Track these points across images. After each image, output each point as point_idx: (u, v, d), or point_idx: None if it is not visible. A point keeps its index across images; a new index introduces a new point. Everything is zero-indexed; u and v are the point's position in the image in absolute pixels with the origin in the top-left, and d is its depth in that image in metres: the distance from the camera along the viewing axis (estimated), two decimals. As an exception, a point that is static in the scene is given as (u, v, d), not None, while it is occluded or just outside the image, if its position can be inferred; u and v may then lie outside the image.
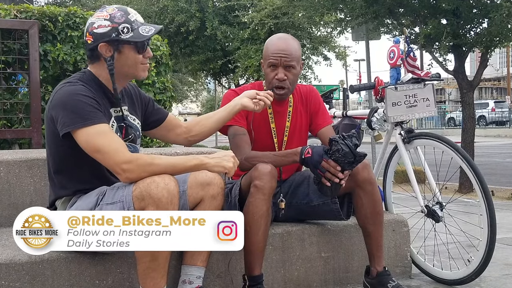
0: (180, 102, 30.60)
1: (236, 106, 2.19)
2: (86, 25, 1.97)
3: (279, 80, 2.32)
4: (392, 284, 2.25)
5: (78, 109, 1.82)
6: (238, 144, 2.31)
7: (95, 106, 1.86)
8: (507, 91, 41.22)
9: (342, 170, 2.10)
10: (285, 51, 2.30)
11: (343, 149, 2.06)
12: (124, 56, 1.94)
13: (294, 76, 2.35)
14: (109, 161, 1.80)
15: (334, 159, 2.08)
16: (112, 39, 1.91)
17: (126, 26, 1.91)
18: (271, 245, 2.37)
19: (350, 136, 2.09)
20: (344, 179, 2.12)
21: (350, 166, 2.10)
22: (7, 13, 4.06)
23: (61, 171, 1.98)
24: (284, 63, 2.30)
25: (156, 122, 2.23)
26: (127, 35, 1.91)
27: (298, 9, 8.35)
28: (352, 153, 2.06)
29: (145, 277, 1.83)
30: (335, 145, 2.08)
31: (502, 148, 16.64)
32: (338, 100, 9.58)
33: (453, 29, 6.06)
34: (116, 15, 1.92)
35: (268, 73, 2.35)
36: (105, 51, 1.92)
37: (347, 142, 2.07)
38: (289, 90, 2.37)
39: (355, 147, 2.07)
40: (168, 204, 1.75)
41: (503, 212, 4.98)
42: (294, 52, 2.32)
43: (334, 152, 2.08)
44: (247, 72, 11.53)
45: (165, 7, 11.50)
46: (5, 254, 1.98)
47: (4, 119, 4.05)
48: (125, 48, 1.94)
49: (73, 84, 1.90)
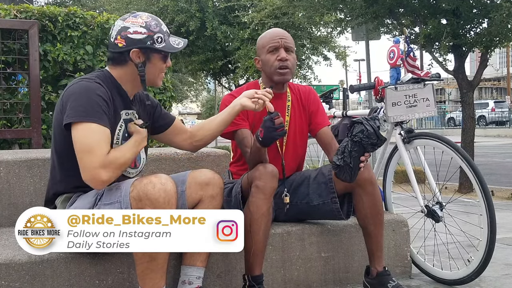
0: (180, 102, 30.60)
1: (235, 107, 2.19)
2: (116, 28, 1.97)
3: (282, 60, 2.35)
4: (392, 284, 2.25)
5: (86, 105, 1.83)
6: (245, 150, 2.32)
7: (102, 107, 1.87)
8: (507, 91, 41.23)
9: (364, 152, 2.11)
10: (283, 34, 2.41)
11: (368, 130, 2.07)
12: (151, 64, 1.99)
13: (293, 60, 2.40)
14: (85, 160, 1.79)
15: (357, 141, 2.09)
16: (146, 46, 1.95)
17: (160, 36, 1.97)
18: (271, 245, 2.37)
19: (373, 118, 2.11)
20: (365, 162, 2.14)
21: (373, 148, 2.12)
22: (7, 13, 4.06)
23: (63, 164, 1.99)
24: (285, 45, 2.37)
25: (163, 127, 2.25)
26: (160, 45, 1.97)
27: (298, 9, 8.35)
28: (376, 134, 2.08)
29: (144, 277, 1.83)
30: (358, 126, 2.09)
31: (502, 148, 16.64)
32: (338, 100, 9.57)
33: (453, 29, 6.06)
34: (151, 23, 1.97)
35: (268, 59, 2.37)
36: (136, 56, 1.96)
37: (371, 123, 2.09)
38: (291, 72, 2.40)
39: (378, 128, 2.09)
40: (165, 204, 1.75)
41: (503, 212, 4.98)
42: (291, 39, 2.42)
43: (357, 133, 2.09)
44: (247, 72, 11.53)
45: (165, 7, 11.50)
46: (5, 254, 1.98)
47: (4, 119, 4.05)
48: (155, 57, 1.99)
49: (90, 81, 1.92)
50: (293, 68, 2.40)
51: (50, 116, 4.23)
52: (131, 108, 2.06)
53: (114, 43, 1.96)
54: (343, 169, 2.14)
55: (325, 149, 2.49)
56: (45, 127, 4.05)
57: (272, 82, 2.39)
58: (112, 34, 1.97)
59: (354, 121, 2.12)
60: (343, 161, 2.13)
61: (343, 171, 2.15)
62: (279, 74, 2.35)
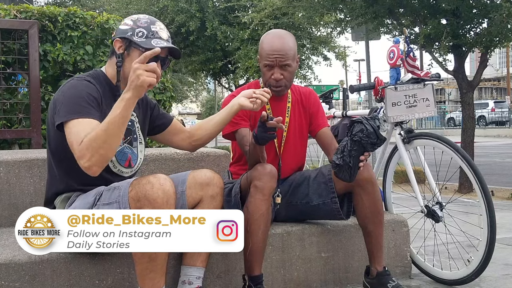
0: (180, 102, 30.60)
1: (234, 106, 2.19)
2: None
3: (275, 80, 2.34)
4: (392, 284, 2.25)
5: (75, 103, 1.84)
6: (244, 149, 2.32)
7: (90, 102, 1.86)
8: (507, 91, 41.22)
9: (364, 151, 2.11)
10: (280, 52, 2.30)
11: (367, 129, 2.07)
12: (129, 59, 1.95)
13: (290, 74, 2.38)
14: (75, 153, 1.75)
15: (357, 140, 2.10)
16: (125, 37, 1.96)
17: (142, 31, 1.96)
18: (271, 245, 2.37)
19: (373, 118, 2.11)
20: (364, 161, 2.14)
21: (373, 147, 2.12)
22: (7, 13, 4.06)
23: (60, 164, 1.99)
24: (280, 63, 2.31)
25: (161, 127, 2.25)
26: (139, 39, 1.95)
27: (298, 9, 8.35)
28: (375, 134, 2.08)
29: (143, 277, 1.83)
30: (358, 125, 2.10)
31: (502, 148, 16.64)
32: (338, 100, 9.56)
33: (453, 29, 6.05)
34: (141, 20, 1.99)
35: (264, 73, 2.38)
36: (118, 47, 1.97)
37: (371, 122, 2.09)
38: (286, 87, 2.40)
39: (378, 128, 2.09)
40: (163, 205, 1.75)
41: (503, 212, 4.98)
42: (289, 51, 2.32)
43: (357, 132, 2.09)
44: (247, 72, 11.53)
45: (165, 7, 11.50)
46: (4, 254, 1.98)
47: (4, 119, 4.05)
48: (134, 51, 1.96)
49: (79, 80, 1.93)
50: (289, 82, 2.39)
51: (50, 116, 4.23)
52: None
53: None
54: (343, 168, 2.14)
55: (325, 149, 2.49)
56: (45, 127, 4.03)
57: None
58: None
59: (354, 120, 2.12)
60: (342, 160, 2.13)
61: (343, 170, 2.15)
62: (272, 91, 2.32)
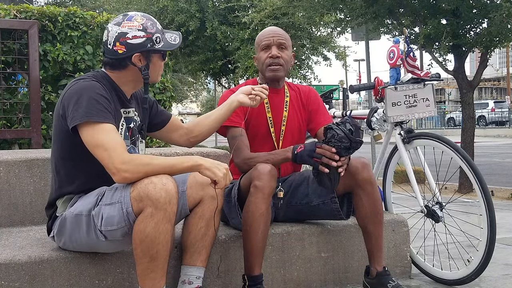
0: (180, 102, 30.60)
1: (233, 103, 2.20)
2: (112, 34, 1.94)
3: (272, 57, 2.37)
4: (392, 284, 2.25)
5: (89, 105, 1.83)
6: (237, 146, 2.32)
7: (105, 105, 1.87)
8: (507, 91, 41.22)
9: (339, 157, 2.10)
10: (276, 32, 2.43)
11: (338, 134, 2.07)
12: (153, 65, 2.00)
13: (287, 57, 2.41)
14: (107, 158, 1.78)
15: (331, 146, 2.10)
16: (147, 49, 1.94)
17: (158, 36, 1.97)
18: (271, 245, 2.37)
19: (344, 122, 2.12)
20: (343, 166, 2.12)
21: (347, 151, 2.10)
22: (7, 13, 4.05)
23: (66, 168, 1.98)
24: (277, 41, 2.39)
25: (160, 124, 2.27)
26: (159, 45, 1.97)
27: (298, 9, 8.35)
28: (347, 137, 2.07)
29: (144, 277, 1.83)
30: (329, 132, 2.10)
31: (501, 148, 16.64)
32: (338, 100, 9.56)
33: (453, 29, 6.05)
34: (147, 25, 1.96)
35: (261, 56, 2.41)
36: (138, 60, 1.96)
37: (341, 127, 2.09)
38: (284, 68, 2.41)
39: (349, 132, 2.08)
40: (166, 204, 1.75)
41: (503, 212, 4.98)
42: (285, 35, 2.43)
43: (330, 139, 2.10)
44: (247, 72, 11.51)
45: (165, 7, 11.48)
46: (4, 254, 1.98)
47: (4, 119, 4.05)
48: (155, 57, 2.00)
49: (87, 81, 1.91)
50: (286, 65, 2.41)
51: (50, 116, 4.23)
52: (128, 106, 2.07)
53: (113, 50, 1.94)
54: (322, 177, 2.14)
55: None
56: (45, 127, 4.05)
57: (265, 79, 2.41)
58: (109, 41, 1.95)
59: (326, 127, 2.13)
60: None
61: (322, 179, 2.15)
62: (270, 71, 2.38)
